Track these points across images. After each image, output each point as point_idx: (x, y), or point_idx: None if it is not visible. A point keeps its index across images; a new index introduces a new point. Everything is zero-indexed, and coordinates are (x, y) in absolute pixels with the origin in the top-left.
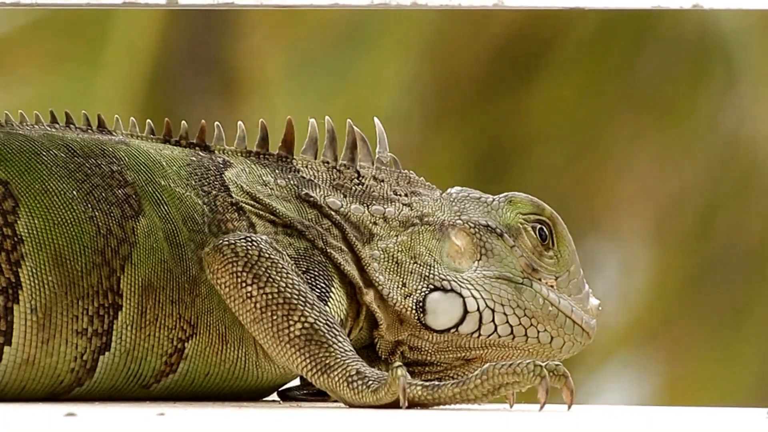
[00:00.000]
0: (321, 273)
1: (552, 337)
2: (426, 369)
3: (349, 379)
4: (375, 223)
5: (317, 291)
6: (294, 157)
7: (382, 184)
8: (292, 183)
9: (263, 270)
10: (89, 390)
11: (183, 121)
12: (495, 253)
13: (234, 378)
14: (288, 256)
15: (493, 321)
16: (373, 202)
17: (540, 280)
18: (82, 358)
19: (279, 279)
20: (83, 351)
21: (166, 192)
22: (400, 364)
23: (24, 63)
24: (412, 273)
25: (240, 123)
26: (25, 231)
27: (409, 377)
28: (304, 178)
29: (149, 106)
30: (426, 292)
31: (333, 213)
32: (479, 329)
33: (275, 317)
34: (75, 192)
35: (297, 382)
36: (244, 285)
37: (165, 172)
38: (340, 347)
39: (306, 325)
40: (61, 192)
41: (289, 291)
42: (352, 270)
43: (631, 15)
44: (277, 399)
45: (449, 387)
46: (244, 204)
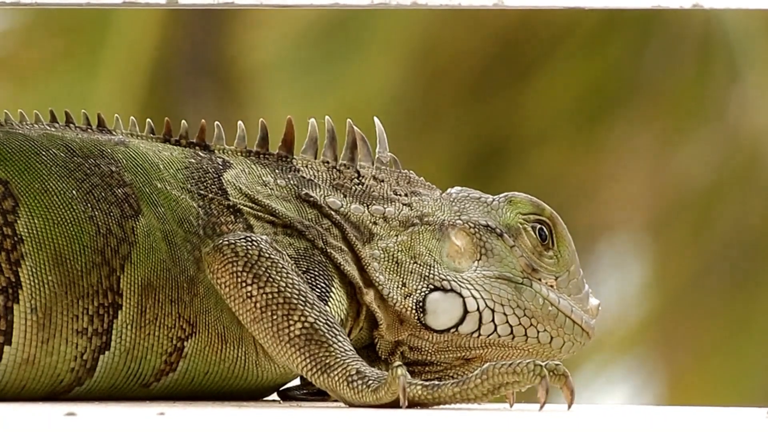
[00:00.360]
0: (321, 273)
1: (552, 337)
2: (426, 369)
3: (349, 379)
4: (375, 223)
5: (317, 291)
6: (294, 157)
7: (382, 183)
8: (292, 183)
9: (263, 270)
10: (89, 389)
11: (183, 121)
12: (495, 253)
13: (234, 377)
14: (288, 256)
15: (493, 321)
16: (373, 201)
17: (540, 280)
18: (82, 357)
19: (279, 279)
20: (83, 350)
21: (161, 195)
22: (400, 363)
23: (24, 64)
24: (412, 273)
25: (240, 123)
26: (25, 230)
27: (409, 377)
28: (304, 177)
29: (149, 106)
30: (426, 292)
31: (333, 213)
32: (479, 329)
33: (275, 317)
34: (75, 191)
35: (297, 381)
36: (244, 285)
37: (161, 174)
38: (340, 347)
39: (306, 325)
40: (61, 191)
41: (289, 291)
42: (352, 270)
43: (633, 12)
44: (278, 399)
45: (449, 387)
46: (242, 206)
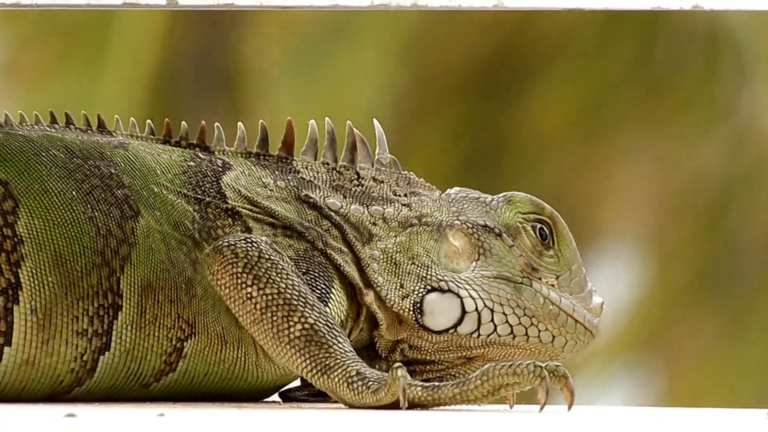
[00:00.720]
0: (321, 274)
1: (553, 336)
2: (427, 368)
3: (349, 380)
4: (374, 224)
5: (317, 292)
6: (294, 159)
7: (381, 184)
8: (291, 184)
9: (263, 271)
10: (89, 390)
11: (183, 122)
12: (493, 253)
13: (234, 378)
14: (288, 257)
15: (492, 321)
16: (373, 202)
17: (540, 279)
18: (82, 358)
19: (279, 280)
20: (83, 351)
21: (158, 198)
22: (400, 364)
23: (27, 67)
24: (409, 274)
25: (240, 124)
26: (25, 231)
27: (409, 378)
28: (303, 179)
29: (153, 108)
30: (423, 293)
31: (333, 214)
32: (478, 329)
33: (275, 318)
34: (74, 192)
35: (298, 382)
36: (244, 286)
37: (158, 179)
38: (340, 348)
39: (306, 326)
40: (61, 192)
41: (289, 292)
42: (352, 271)
43: (637, 14)
44: (278, 400)
45: (449, 387)
46: (240, 209)
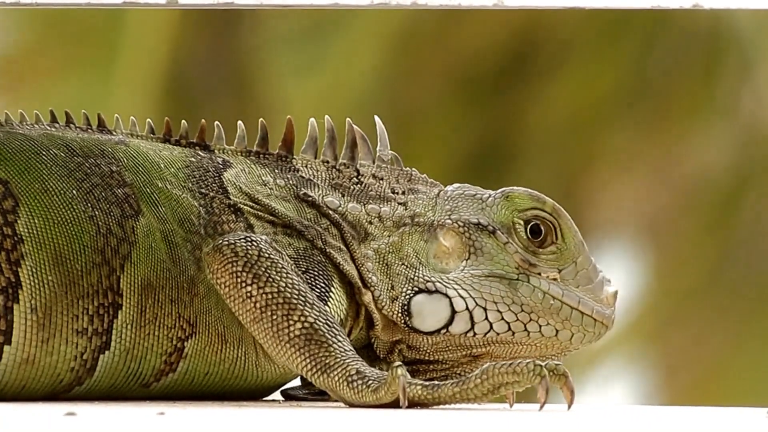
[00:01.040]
0: (321, 273)
1: (557, 330)
2: (431, 367)
3: (349, 379)
4: (370, 222)
5: (317, 291)
6: (294, 157)
7: (381, 182)
8: (291, 183)
9: (263, 270)
10: (89, 389)
11: (183, 121)
12: (485, 252)
13: (234, 377)
14: (288, 256)
15: (487, 319)
16: (370, 201)
17: (539, 274)
18: (82, 357)
19: (279, 279)
20: (83, 350)
21: (162, 194)
22: (400, 363)
23: (37, 71)
24: (399, 275)
25: (239, 122)
26: (25, 230)
27: (409, 377)
28: (303, 177)
29: (166, 109)
30: (411, 294)
31: (331, 212)
32: (473, 328)
33: (275, 317)
34: (75, 191)
35: (298, 381)
36: (243, 285)
37: (162, 174)
38: (339, 347)
39: (306, 325)
40: (61, 191)
41: (289, 291)
42: (351, 269)
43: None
44: (278, 399)
45: (449, 386)
46: (242, 205)
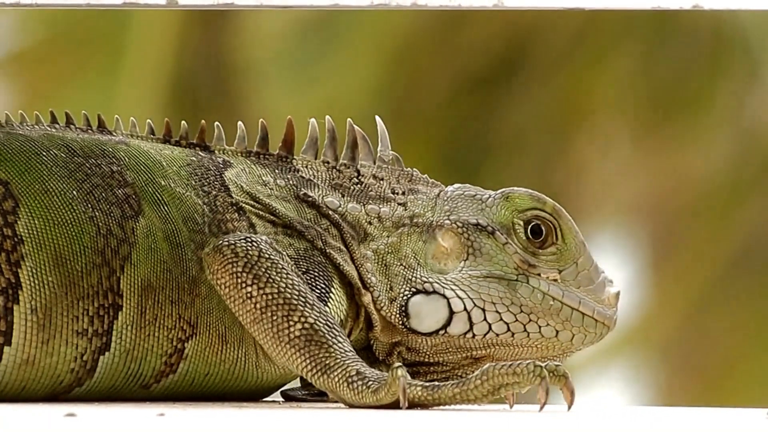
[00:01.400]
0: (321, 273)
1: (557, 331)
2: (432, 369)
3: (349, 380)
4: (370, 223)
5: (317, 291)
6: (294, 157)
7: (381, 182)
8: (291, 183)
9: (263, 270)
10: (89, 390)
11: (183, 121)
12: (483, 252)
13: (234, 378)
14: (288, 256)
15: (485, 320)
16: (369, 201)
17: (539, 275)
18: (82, 358)
19: (279, 279)
20: (83, 351)
21: (166, 192)
22: (400, 364)
23: (44, 77)
24: (397, 276)
25: (240, 123)
26: (25, 231)
27: (409, 377)
28: (303, 177)
29: (173, 111)
30: (408, 295)
31: (331, 212)
32: (471, 329)
33: (275, 318)
34: (75, 192)
35: (298, 382)
36: (244, 285)
37: (165, 172)
38: (340, 348)
39: (306, 326)
40: (61, 192)
41: (289, 291)
42: (351, 270)
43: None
44: (278, 399)
45: (449, 387)
46: (244, 204)
